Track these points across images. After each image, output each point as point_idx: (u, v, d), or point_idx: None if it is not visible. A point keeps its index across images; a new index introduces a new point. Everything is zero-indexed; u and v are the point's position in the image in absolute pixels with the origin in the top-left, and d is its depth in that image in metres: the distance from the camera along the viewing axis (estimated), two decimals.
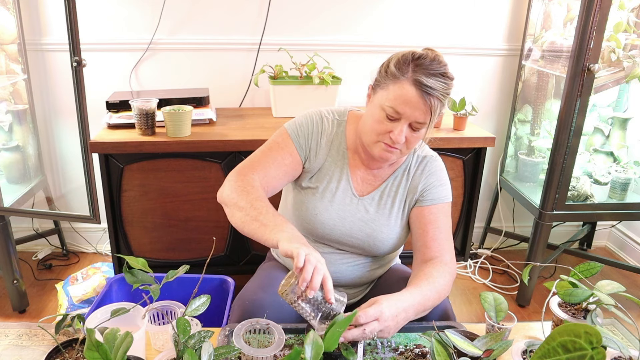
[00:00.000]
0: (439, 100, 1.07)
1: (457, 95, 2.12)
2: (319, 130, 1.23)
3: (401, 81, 1.07)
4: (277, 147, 1.21)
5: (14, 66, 2.13)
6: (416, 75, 1.06)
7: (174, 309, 1.07)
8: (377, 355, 1.01)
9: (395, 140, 1.10)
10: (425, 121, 1.09)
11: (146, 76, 2.25)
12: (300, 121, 1.24)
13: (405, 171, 1.25)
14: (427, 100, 1.06)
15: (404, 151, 1.15)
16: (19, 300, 2.03)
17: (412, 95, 1.06)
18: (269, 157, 1.19)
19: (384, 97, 1.10)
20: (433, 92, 1.06)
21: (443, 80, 1.07)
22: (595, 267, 1.04)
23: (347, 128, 1.25)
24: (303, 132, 1.22)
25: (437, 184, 1.24)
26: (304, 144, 1.22)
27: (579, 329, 0.62)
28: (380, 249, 1.24)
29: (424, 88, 1.05)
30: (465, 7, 2.29)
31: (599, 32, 1.77)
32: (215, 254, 1.95)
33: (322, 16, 2.24)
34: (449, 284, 1.14)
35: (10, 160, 2.17)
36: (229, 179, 1.15)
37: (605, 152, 2.27)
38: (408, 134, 1.10)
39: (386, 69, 1.11)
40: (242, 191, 1.09)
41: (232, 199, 1.10)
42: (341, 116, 1.26)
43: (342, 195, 1.23)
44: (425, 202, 1.22)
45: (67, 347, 0.86)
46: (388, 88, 1.09)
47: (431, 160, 1.26)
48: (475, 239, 2.68)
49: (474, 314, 2.18)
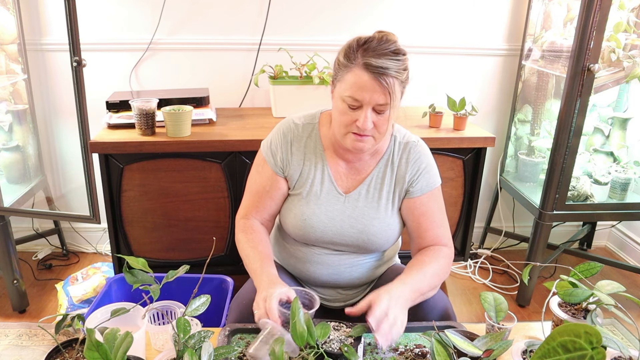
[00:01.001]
0: (394, 79, 1.07)
1: (457, 95, 2.12)
2: (288, 140, 1.25)
3: (352, 69, 1.08)
4: (260, 178, 1.27)
5: (14, 66, 2.13)
6: (365, 59, 1.06)
7: (174, 309, 1.07)
8: (377, 355, 1.01)
9: (363, 128, 1.10)
10: (386, 102, 1.08)
11: (146, 76, 2.25)
12: (271, 138, 1.27)
13: (389, 161, 1.24)
14: (382, 81, 1.06)
15: (376, 136, 1.15)
16: (19, 300, 2.03)
17: (366, 80, 1.06)
18: (258, 199, 1.27)
19: (342, 88, 1.11)
20: (386, 71, 1.05)
21: (394, 58, 1.07)
22: (595, 267, 1.04)
23: (320, 129, 1.25)
24: (274, 149, 1.25)
25: (424, 171, 1.23)
26: (278, 160, 1.24)
27: (579, 329, 0.62)
28: (375, 243, 1.24)
29: (376, 69, 1.05)
30: (465, 7, 2.29)
31: (599, 32, 1.77)
32: (215, 254, 1.95)
33: (322, 16, 2.24)
34: (445, 267, 1.20)
35: (10, 160, 2.17)
36: (236, 223, 1.29)
37: (605, 152, 2.27)
38: (374, 119, 1.11)
39: (338, 62, 1.13)
40: (244, 239, 1.23)
41: (239, 242, 1.25)
42: (312, 119, 1.27)
43: (327, 196, 1.23)
44: (415, 193, 1.23)
45: (67, 347, 0.86)
46: (343, 79, 1.10)
47: (414, 146, 1.25)
48: (475, 239, 2.68)
49: (474, 314, 2.18)
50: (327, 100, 2.05)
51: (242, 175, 1.85)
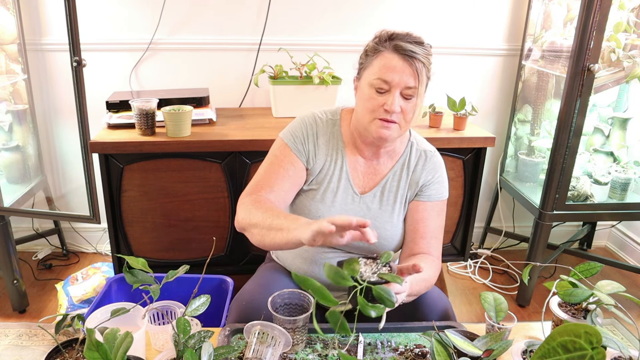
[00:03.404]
0: (422, 64, 1.10)
1: (457, 95, 2.12)
2: (314, 132, 1.23)
3: (382, 53, 1.11)
4: (277, 160, 1.20)
5: (14, 66, 2.13)
6: (395, 42, 1.10)
7: (174, 309, 1.07)
8: (377, 355, 1.01)
9: (391, 110, 1.11)
10: (415, 85, 1.10)
11: (146, 76, 2.25)
12: (294, 127, 1.24)
13: (405, 165, 1.25)
14: (412, 63, 1.09)
15: (402, 125, 1.15)
16: (19, 300, 2.03)
17: (396, 61, 1.09)
18: (272, 173, 1.18)
19: (370, 73, 1.13)
20: (415, 54, 1.09)
21: (421, 46, 1.11)
22: (595, 267, 1.04)
23: (341, 125, 1.25)
24: (299, 137, 1.22)
25: (436, 181, 1.24)
26: (302, 148, 1.21)
27: (579, 329, 0.62)
28: (385, 247, 1.23)
29: (406, 52, 1.09)
30: (465, 7, 2.29)
31: (599, 32, 1.77)
32: (215, 254, 1.95)
33: (322, 16, 2.24)
34: (434, 276, 1.17)
35: (10, 160, 2.17)
36: (240, 203, 1.15)
37: (605, 152, 2.27)
38: (402, 104, 1.12)
39: (366, 51, 1.16)
40: (252, 207, 1.09)
41: (245, 218, 1.10)
42: (334, 115, 1.26)
43: (343, 194, 1.22)
44: (422, 197, 1.23)
45: (67, 347, 0.86)
46: (372, 64, 1.13)
47: (431, 156, 1.26)
48: (475, 239, 2.68)
49: (474, 314, 2.18)
50: (327, 100, 2.07)
51: (242, 175, 1.85)
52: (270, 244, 1.04)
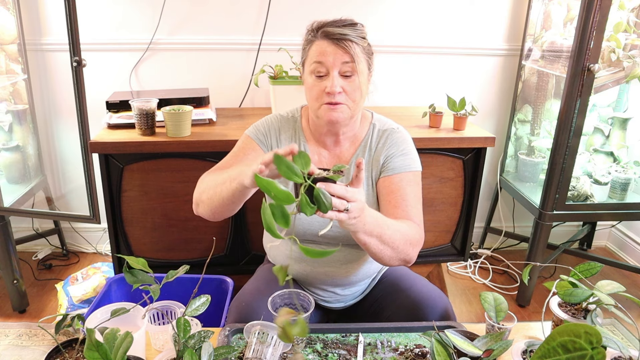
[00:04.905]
0: (355, 44, 1.15)
1: (457, 95, 2.12)
2: (276, 128, 1.29)
3: (315, 42, 1.17)
4: (238, 149, 1.27)
5: (14, 66, 2.13)
6: (324, 30, 1.16)
7: (174, 309, 1.07)
8: (377, 355, 1.01)
9: (332, 91, 1.14)
10: (350, 61, 1.14)
11: (146, 76, 2.25)
12: (257, 124, 1.30)
13: (366, 147, 1.27)
14: (343, 45, 1.14)
15: (350, 105, 1.18)
16: (19, 300, 2.03)
17: (327, 46, 1.15)
18: (232, 158, 1.26)
19: (308, 62, 1.19)
20: (345, 36, 1.14)
21: (351, 27, 1.17)
22: (595, 267, 1.04)
23: (302, 121, 1.30)
24: (261, 131, 1.28)
25: (399, 153, 1.25)
26: (263, 139, 1.27)
27: (579, 329, 0.62)
28: None
29: (335, 36, 1.14)
30: (465, 7, 2.29)
31: (599, 32, 1.77)
32: (215, 254, 1.95)
33: (322, 16, 2.22)
34: (413, 235, 1.13)
35: (10, 160, 2.17)
36: (198, 182, 1.21)
37: (605, 152, 2.27)
38: (342, 83, 1.15)
39: (303, 45, 1.22)
40: (204, 178, 1.18)
41: (196, 191, 1.18)
42: (295, 113, 1.32)
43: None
44: (387, 171, 1.24)
45: (67, 347, 0.86)
46: (308, 55, 1.19)
47: (392, 132, 1.28)
48: (475, 239, 2.68)
49: (474, 314, 2.18)
50: None
51: None
52: (219, 203, 1.10)
